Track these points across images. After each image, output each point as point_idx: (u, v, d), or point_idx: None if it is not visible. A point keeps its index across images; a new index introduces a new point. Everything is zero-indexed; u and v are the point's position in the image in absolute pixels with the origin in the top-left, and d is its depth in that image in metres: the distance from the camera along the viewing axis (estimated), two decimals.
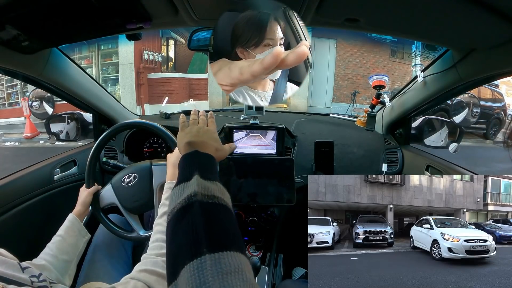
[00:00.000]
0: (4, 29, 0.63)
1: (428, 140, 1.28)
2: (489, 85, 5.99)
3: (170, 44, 7.79)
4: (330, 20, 0.73)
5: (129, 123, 0.99)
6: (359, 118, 1.31)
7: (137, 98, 6.71)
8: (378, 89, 1.16)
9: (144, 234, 0.91)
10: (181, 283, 0.33)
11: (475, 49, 0.80)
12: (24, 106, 5.91)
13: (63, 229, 0.82)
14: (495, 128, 6.26)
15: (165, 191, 0.72)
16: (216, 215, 0.40)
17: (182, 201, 0.40)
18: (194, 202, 0.40)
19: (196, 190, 0.41)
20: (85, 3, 0.59)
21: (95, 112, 1.27)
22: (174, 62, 7.90)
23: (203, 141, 0.55)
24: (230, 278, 0.31)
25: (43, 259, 0.73)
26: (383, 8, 0.63)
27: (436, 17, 0.63)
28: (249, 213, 1.18)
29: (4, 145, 5.64)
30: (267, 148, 1.22)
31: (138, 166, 0.93)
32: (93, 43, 6.64)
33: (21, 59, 0.81)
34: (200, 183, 0.43)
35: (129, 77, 6.67)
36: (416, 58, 1.25)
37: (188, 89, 7.53)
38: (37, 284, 0.51)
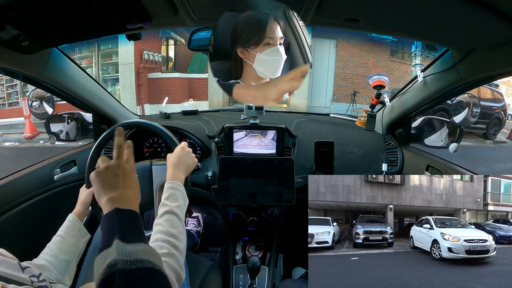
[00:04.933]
0: (4, 29, 0.63)
1: (428, 140, 1.28)
2: (489, 85, 5.99)
3: (170, 44, 7.79)
4: (330, 20, 0.74)
5: (129, 123, 0.99)
6: (359, 118, 1.31)
7: (137, 98, 6.71)
8: (378, 89, 1.16)
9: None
10: None
11: (475, 49, 0.80)
12: (24, 106, 5.90)
13: (63, 229, 0.82)
14: (495, 128, 6.26)
15: (165, 191, 0.72)
16: (142, 282, 0.38)
17: (103, 272, 0.38)
18: (115, 272, 0.37)
19: (115, 258, 0.39)
20: (85, 3, 0.59)
21: (95, 112, 1.27)
22: (174, 62, 7.90)
23: (123, 194, 0.50)
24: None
25: (43, 259, 0.73)
26: (383, 8, 0.63)
27: (436, 17, 0.63)
28: (249, 213, 1.18)
29: (4, 145, 5.64)
30: (267, 148, 1.22)
31: (138, 166, 0.93)
32: (93, 43, 6.64)
33: (21, 59, 0.81)
34: (120, 248, 0.40)
35: (129, 77, 6.66)
36: (416, 58, 1.26)
37: (188, 89, 7.53)
38: (37, 284, 0.51)
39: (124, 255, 0.39)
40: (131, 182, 0.54)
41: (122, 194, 0.50)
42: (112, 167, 0.54)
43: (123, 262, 0.38)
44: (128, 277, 0.37)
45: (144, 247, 0.42)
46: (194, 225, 1.67)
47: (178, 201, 0.70)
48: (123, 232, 0.43)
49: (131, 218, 0.47)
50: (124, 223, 0.45)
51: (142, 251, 0.41)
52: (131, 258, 0.39)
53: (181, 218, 0.67)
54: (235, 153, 1.22)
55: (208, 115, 1.50)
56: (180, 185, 0.75)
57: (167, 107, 6.87)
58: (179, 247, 0.60)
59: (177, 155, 0.81)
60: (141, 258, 0.40)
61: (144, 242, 0.43)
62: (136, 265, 0.39)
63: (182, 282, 0.57)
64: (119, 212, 0.46)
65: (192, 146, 1.11)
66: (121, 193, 0.50)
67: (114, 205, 0.48)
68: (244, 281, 1.16)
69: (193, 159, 0.83)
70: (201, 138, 1.25)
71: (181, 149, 0.82)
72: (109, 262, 0.38)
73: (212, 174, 1.18)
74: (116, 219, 0.45)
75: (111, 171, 0.53)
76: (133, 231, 0.45)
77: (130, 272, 0.38)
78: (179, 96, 7.03)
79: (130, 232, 0.44)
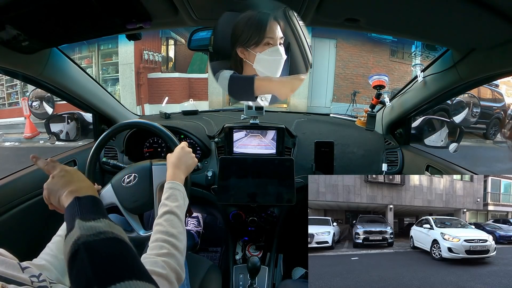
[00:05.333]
0: (4, 29, 0.63)
1: (428, 140, 1.28)
2: (489, 85, 5.98)
3: (170, 44, 7.79)
4: (330, 20, 0.74)
5: (129, 123, 0.99)
6: (359, 118, 1.31)
7: (137, 98, 6.71)
8: (378, 89, 1.16)
9: (144, 234, 0.91)
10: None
11: (475, 49, 0.80)
12: (24, 106, 5.90)
13: (63, 229, 0.82)
14: (495, 128, 6.26)
15: (165, 191, 0.72)
16: (105, 249, 0.40)
17: (69, 250, 0.40)
18: (79, 245, 0.39)
19: (79, 234, 0.41)
20: (85, 3, 0.59)
21: (95, 112, 1.27)
22: (174, 62, 7.90)
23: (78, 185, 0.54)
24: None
25: (43, 259, 0.73)
26: (383, 8, 0.63)
27: (436, 17, 0.63)
28: (249, 213, 1.18)
29: (4, 145, 5.64)
30: (267, 148, 1.22)
31: (138, 166, 0.93)
32: (93, 43, 6.63)
33: (21, 59, 0.81)
34: (82, 226, 0.42)
35: (129, 77, 6.66)
36: (416, 58, 1.26)
37: (188, 89, 7.53)
38: (37, 284, 0.51)
39: (86, 230, 0.41)
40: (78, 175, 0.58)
41: (77, 185, 0.54)
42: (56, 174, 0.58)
43: (86, 236, 0.40)
44: (91, 248, 0.39)
45: (105, 223, 0.44)
46: (194, 225, 1.67)
47: (178, 201, 0.70)
48: (83, 213, 0.45)
49: (89, 200, 0.50)
50: (84, 206, 0.48)
51: (104, 225, 0.43)
52: (94, 232, 0.41)
53: (181, 218, 0.67)
54: (235, 153, 1.22)
55: (208, 115, 1.50)
56: (180, 185, 0.74)
57: (167, 107, 6.87)
58: (179, 247, 0.60)
59: (177, 155, 0.81)
60: (103, 230, 0.42)
61: (105, 218, 0.45)
62: (99, 236, 0.41)
63: (182, 282, 0.57)
64: (78, 199, 0.49)
65: (192, 146, 1.11)
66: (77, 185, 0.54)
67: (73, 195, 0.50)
68: (244, 281, 1.16)
69: (193, 159, 0.83)
70: (201, 138, 1.25)
71: (181, 149, 0.83)
72: (74, 239, 0.40)
73: (212, 174, 1.18)
74: (77, 205, 0.48)
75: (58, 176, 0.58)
76: (94, 210, 0.47)
77: (93, 243, 0.40)
78: (179, 96, 7.03)
79: (90, 211, 0.46)
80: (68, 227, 0.45)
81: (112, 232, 0.42)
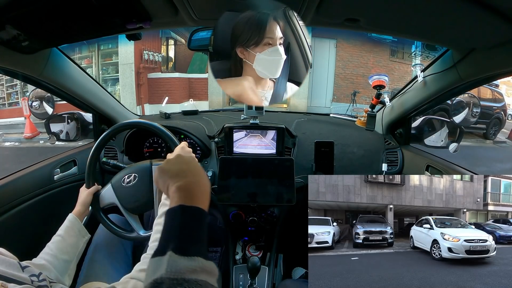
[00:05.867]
0: (4, 29, 0.63)
1: (428, 140, 1.28)
2: (489, 85, 5.99)
3: (170, 44, 7.79)
4: (330, 20, 0.74)
5: (129, 123, 0.99)
6: (359, 118, 1.31)
7: (137, 98, 6.71)
8: (378, 89, 1.16)
9: (144, 234, 0.91)
10: None
11: (475, 49, 0.80)
12: (24, 106, 5.90)
13: (63, 229, 0.82)
14: (495, 128, 6.26)
15: None
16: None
17: (148, 285, 0.37)
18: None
19: (163, 275, 0.37)
20: (85, 3, 0.59)
21: (95, 112, 1.27)
22: (174, 62, 7.91)
23: (194, 183, 0.49)
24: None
25: (43, 259, 0.73)
26: (383, 8, 0.63)
27: (436, 17, 0.63)
28: (249, 213, 1.18)
29: (4, 145, 5.64)
30: (267, 148, 1.22)
31: (138, 166, 0.94)
32: (93, 43, 6.64)
33: (21, 59, 0.81)
34: (171, 264, 0.38)
35: (129, 77, 6.66)
36: (416, 58, 1.26)
37: (188, 89, 7.53)
38: (37, 284, 0.51)
39: (173, 273, 0.37)
40: (193, 165, 0.55)
41: (188, 180, 0.49)
42: (170, 160, 0.56)
43: (169, 280, 0.36)
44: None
45: (197, 263, 0.39)
46: None
47: None
48: (180, 241, 0.41)
49: (194, 218, 0.44)
50: (185, 227, 0.43)
51: (192, 269, 0.38)
52: (178, 277, 0.37)
53: None
54: (235, 153, 1.22)
55: (208, 115, 1.50)
56: None
57: (167, 107, 6.87)
58: None
59: (178, 155, 0.80)
60: (188, 278, 0.37)
61: (200, 256, 0.40)
62: (182, 285, 0.36)
63: None
64: (183, 211, 0.44)
65: (192, 146, 1.11)
66: (188, 180, 0.49)
67: (181, 195, 0.46)
68: (244, 281, 1.16)
69: None
70: (201, 138, 1.25)
71: (181, 149, 0.82)
72: (156, 277, 0.37)
73: (212, 174, 1.18)
74: (178, 219, 0.43)
75: (170, 162, 0.55)
76: (191, 239, 0.42)
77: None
78: (179, 96, 7.03)
79: (188, 240, 0.41)
80: (161, 245, 0.40)
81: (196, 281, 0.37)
